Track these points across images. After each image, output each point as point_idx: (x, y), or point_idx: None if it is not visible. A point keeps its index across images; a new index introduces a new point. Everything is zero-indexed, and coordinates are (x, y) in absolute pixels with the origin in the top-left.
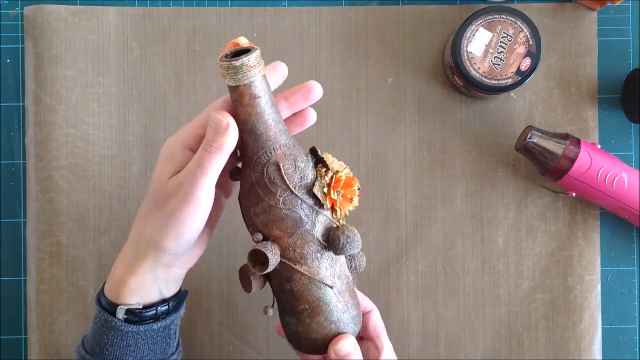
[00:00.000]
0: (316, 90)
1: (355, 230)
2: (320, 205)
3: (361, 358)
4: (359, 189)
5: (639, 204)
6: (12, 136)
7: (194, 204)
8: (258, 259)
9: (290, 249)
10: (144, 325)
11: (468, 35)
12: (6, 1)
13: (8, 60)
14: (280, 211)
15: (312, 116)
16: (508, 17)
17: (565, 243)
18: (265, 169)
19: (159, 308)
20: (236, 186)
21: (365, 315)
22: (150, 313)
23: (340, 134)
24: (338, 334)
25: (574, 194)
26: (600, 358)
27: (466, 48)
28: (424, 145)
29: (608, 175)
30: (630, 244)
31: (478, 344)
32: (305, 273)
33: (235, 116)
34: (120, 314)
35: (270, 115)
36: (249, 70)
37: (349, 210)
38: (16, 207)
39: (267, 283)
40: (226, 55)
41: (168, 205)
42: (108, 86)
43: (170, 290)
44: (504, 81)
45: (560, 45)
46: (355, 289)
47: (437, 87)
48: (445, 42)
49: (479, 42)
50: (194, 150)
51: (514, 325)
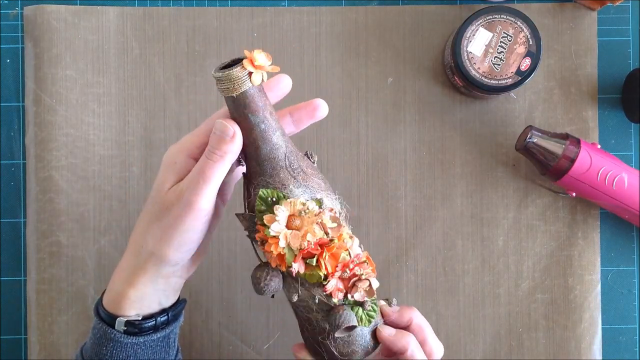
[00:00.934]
0: (322, 108)
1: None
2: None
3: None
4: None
5: (639, 204)
6: (12, 136)
7: (196, 213)
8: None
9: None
10: (143, 336)
11: (468, 35)
12: (6, 1)
13: (8, 60)
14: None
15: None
16: (508, 17)
17: (565, 243)
18: None
19: (159, 319)
20: (235, 195)
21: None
22: (149, 324)
23: (340, 134)
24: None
25: (574, 194)
26: (600, 358)
27: (466, 48)
28: (424, 145)
29: (608, 175)
30: (630, 244)
31: (478, 344)
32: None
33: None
34: (120, 326)
35: (267, 128)
36: (239, 81)
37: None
38: (16, 207)
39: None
40: (222, 67)
41: (169, 214)
42: (108, 86)
43: (169, 300)
44: (504, 81)
45: (560, 45)
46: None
47: (437, 87)
48: (445, 42)
49: (479, 42)
50: (197, 159)
51: (514, 325)
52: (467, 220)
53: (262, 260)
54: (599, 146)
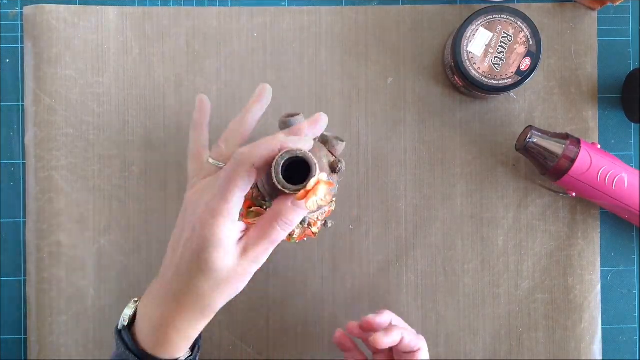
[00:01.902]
0: (322, 121)
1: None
2: None
3: None
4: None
5: (638, 204)
6: (12, 136)
7: (257, 267)
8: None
9: None
10: None
11: (468, 35)
12: (6, 1)
13: (8, 60)
14: None
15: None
16: (508, 17)
17: (565, 243)
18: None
19: (194, 353)
20: None
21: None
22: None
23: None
24: None
25: (574, 194)
26: (600, 358)
27: (466, 48)
28: (424, 145)
29: (608, 175)
30: (630, 244)
31: (478, 344)
32: None
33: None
34: None
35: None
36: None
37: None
38: (16, 207)
39: None
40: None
41: (238, 281)
42: (108, 86)
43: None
44: (504, 81)
45: (560, 45)
46: None
47: (437, 87)
48: (445, 42)
49: (479, 42)
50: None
51: (514, 325)
52: (467, 220)
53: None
54: (599, 146)
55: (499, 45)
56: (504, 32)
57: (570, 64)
